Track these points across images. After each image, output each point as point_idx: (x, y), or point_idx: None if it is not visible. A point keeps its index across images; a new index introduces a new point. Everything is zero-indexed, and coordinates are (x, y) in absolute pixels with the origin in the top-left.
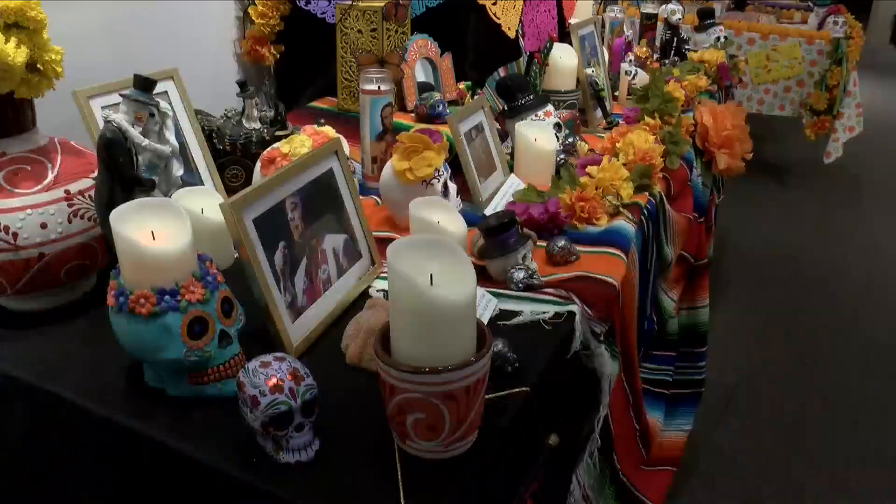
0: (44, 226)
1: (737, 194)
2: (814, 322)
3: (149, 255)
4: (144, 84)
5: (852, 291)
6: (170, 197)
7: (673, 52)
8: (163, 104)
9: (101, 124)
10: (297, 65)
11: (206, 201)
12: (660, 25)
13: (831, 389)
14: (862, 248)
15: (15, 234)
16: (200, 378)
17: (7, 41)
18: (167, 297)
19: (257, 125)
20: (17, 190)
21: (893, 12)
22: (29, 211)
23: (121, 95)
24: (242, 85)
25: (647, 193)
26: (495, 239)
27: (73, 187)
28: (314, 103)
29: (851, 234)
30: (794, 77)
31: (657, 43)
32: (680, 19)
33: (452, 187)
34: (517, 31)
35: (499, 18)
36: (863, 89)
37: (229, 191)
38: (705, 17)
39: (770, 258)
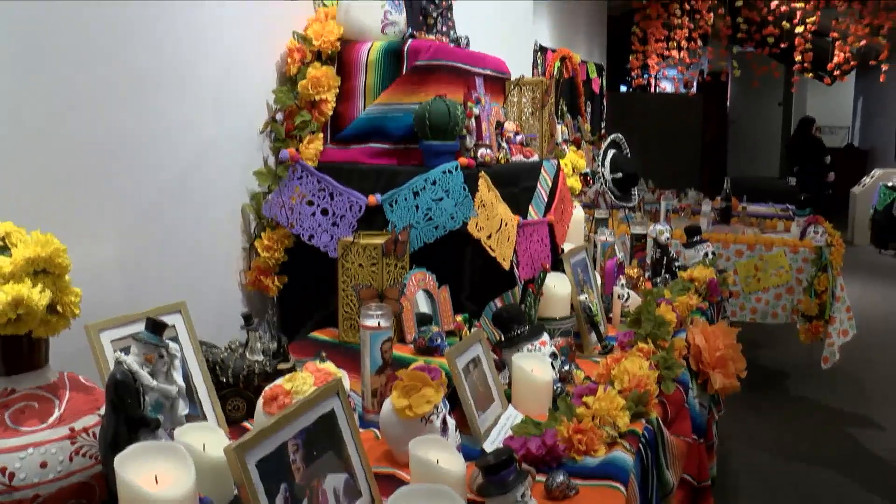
0: (44, 464)
1: (738, 404)
2: None
3: (151, 502)
4: (155, 327)
5: (867, 500)
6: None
7: (664, 269)
8: (172, 345)
9: (109, 358)
10: (299, 296)
11: (208, 437)
12: (649, 241)
13: None
14: (872, 452)
15: (11, 475)
16: None
17: (34, 286)
18: None
19: (260, 358)
20: (21, 428)
21: (869, 214)
22: (30, 450)
23: (133, 338)
24: (247, 318)
25: (643, 420)
26: (494, 477)
27: (78, 424)
28: (316, 333)
29: (859, 439)
30: (784, 284)
31: (648, 261)
32: (668, 238)
33: (451, 423)
34: (512, 261)
35: (493, 251)
36: (852, 291)
37: (230, 422)
38: (692, 234)
39: (777, 467)
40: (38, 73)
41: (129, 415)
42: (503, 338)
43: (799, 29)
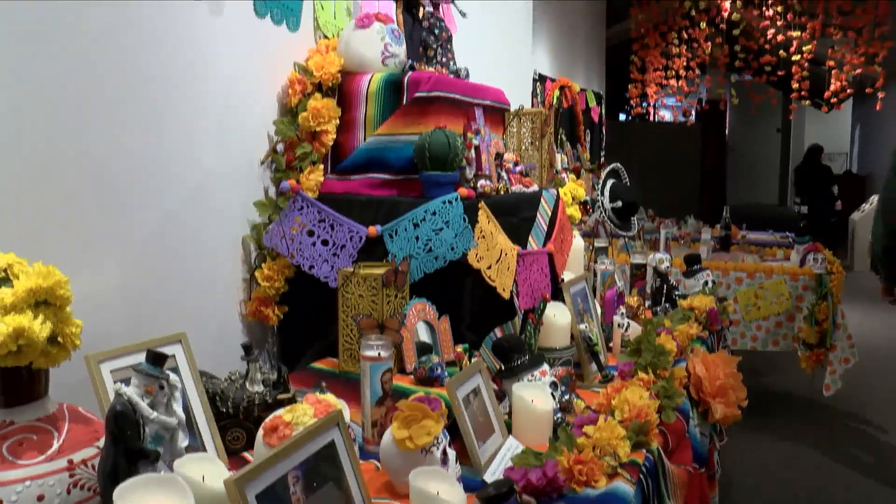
0: (41, 497)
1: (740, 433)
2: None
3: None
4: (155, 359)
5: None
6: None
7: (664, 298)
8: (172, 377)
9: (109, 389)
10: (299, 326)
11: (207, 468)
12: (649, 270)
13: None
14: (875, 479)
15: None
16: None
17: (35, 317)
18: None
19: (260, 388)
20: (19, 461)
21: (869, 240)
22: (28, 482)
23: (133, 369)
24: (247, 349)
25: (644, 450)
26: None
27: (77, 456)
28: (316, 364)
29: (861, 467)
30: (784, 312)
31: (648, 290)
32: (668, 267)
33: (451, 453)
34: (511, 291)
35: (493, 281)
36: (852, 317)
37: (230, 453)
38: (692, 263)
39: (779, 496)
40: (40, 103)
41: (129, 446)
42: (503, 368)
43: (795, 57)
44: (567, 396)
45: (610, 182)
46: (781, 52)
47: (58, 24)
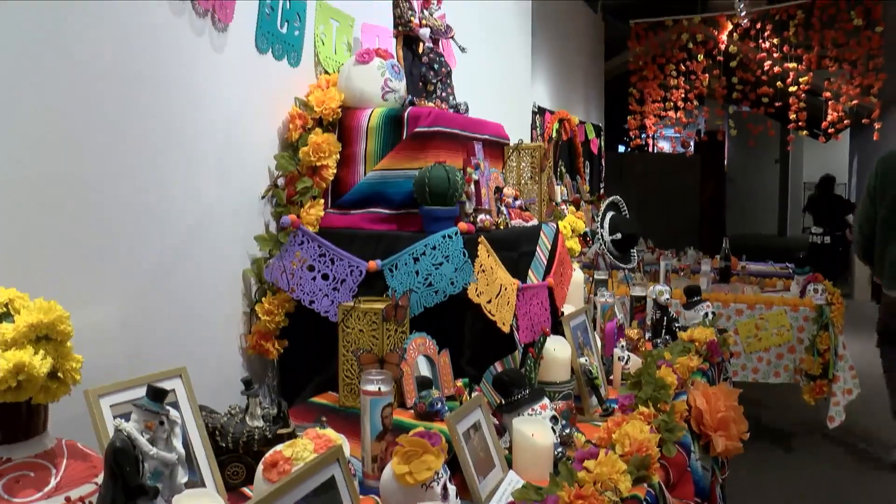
0: None
1: (743, 465)
2: None
3: None
4: (156, 394)
5: None
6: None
7: (664, 330)
8: (172, 412)
9: (109, 424)
10: (299, 360)
11: None
12: (649, 302)
13: None
14: None
15: None
16: None
17: (36, 353)
18: None
19: (260, 423)
20: (15, 499)
21: (869, 270)
22: None
23: (133, 405)
24: (248, 383)
25: (645, 484)
26: None
27: (75, 493)
28: (316, 398)
29: (865, 498)
30: (785, 343)
31: (648, 322)
32: (668, 299)
33: (452, 489)
34: (511, 325)
35: (493, 315)
36: (853, 348)
37: (229, 488)
38: (692, 295)
39: None
40: (40, 138)
41: (128, 483)
42: (503, 402)
43: (793, 89)
44: (567, 430)
45: (609, 214)
46: (779, 83)
47: (57, 59)
